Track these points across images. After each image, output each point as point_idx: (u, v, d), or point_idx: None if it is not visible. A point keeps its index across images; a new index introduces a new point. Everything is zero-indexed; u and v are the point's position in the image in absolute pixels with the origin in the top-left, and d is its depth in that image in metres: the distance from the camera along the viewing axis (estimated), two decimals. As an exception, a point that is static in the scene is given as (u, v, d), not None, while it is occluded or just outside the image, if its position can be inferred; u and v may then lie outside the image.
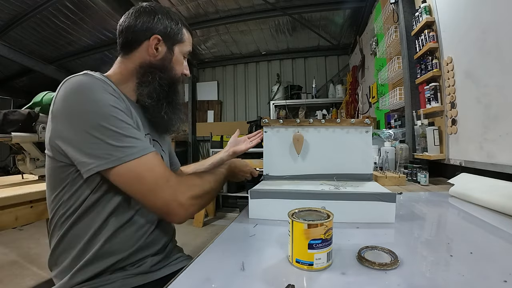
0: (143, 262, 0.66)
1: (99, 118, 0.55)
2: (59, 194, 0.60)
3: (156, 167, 0.59)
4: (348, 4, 2.97)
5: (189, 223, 3.18)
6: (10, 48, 3.41)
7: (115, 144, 0.55)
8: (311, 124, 0.88)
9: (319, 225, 0.40)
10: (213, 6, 3.08)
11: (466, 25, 1.13)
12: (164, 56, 0.74)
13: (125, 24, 0.72)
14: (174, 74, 0.76)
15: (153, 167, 0.58)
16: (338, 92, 4.01)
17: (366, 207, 0.62)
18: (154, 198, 0.57)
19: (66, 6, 2.83)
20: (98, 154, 0.55)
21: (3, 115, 1.13)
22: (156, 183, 0.57)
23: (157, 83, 0.72)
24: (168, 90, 0.75)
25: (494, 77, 0.97)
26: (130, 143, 0.57)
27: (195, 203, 0.62)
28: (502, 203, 0.69)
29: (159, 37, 0.71)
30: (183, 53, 0.78)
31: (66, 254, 0.61)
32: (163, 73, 0.73)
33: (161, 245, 0.72)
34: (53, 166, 0.60)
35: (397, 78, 1.97)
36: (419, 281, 0.37)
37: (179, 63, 0.77)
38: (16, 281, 1.86)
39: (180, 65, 0.78)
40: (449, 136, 1.28)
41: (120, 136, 0.56)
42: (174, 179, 0.60)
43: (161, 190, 0.57)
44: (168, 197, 0.58)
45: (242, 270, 0.41)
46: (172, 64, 0.75)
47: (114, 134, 0.56)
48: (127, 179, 0.56)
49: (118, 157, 0.55)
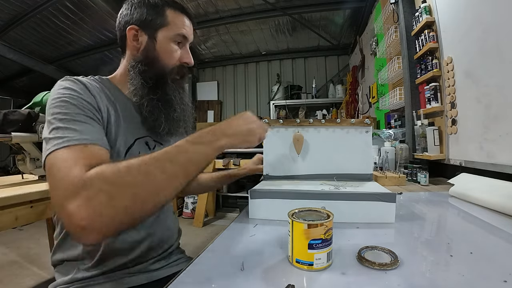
0: (145, 262, 0.66)
1: (50, 105, 0.52)
2: None
3: (67, 161, 0.44)
4: (348, 4, 2.97)
5: (189, 223, 3.18)
6: (10, 48, 3.41)
7: (51, 135, 0.48)
8: (311, 124, 0.88)
9: (319, 225, 0.40)
10: (213, 6, 3.08)
11: (466, 25, 1.13)
12: (146, 46, 0.66)
13: (116, 24, 0.70)
14: (161, 65, 0.67)
15: (64, 161, 0.44)
16: (338, 92, 4.01)
17: (366, 207, 0.62)
18: (54, 206, 0.43)
19: (66, 6, 2.84)
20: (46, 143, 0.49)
21: (3, 115, 1.13)
22: (54, 185, 0.43)
23: (140, 78, 0.66)
24: (153, 85, 0.66)
25: (494, 77, 0.97)
26: (60, 134, 0.48)
27: (92, 204, 0.39)
28: (502, 203, 0.69)
29: (135, 27, 0.65)
30: (171, 38, 0.67)
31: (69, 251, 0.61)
32: (146, 66, 0.66)
33: (166, 247, 0.72)
34: None
35: (397, 78, 1.97)
36: (419, 281, 0.37)
37: (167, 50, 0.67)
38: (16, 281, 1.85)
39: (168, 53, 0.67)
40: (449, 136, 1.28)
41: (58, 124, 0.49)
42: (79, 172, 0.42)
43: (56, 192, 0.42)
44: (58, 201, 0.41)
45: (242, 270, 0.41)
46: (156, 53, 0.66)
47: (54, 122, 0.50)
48: (47, 172, 0.45)
49: (46, 149, 0.47)
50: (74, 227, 0.39)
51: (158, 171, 0.43)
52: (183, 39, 0.69)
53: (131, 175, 0.42)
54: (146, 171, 0.43)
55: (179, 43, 0.69)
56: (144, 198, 0.42)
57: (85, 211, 0.39)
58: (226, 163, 3.08)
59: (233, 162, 3.08)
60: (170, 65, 0.68)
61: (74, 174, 0.42)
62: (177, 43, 0.69)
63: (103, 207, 0.39)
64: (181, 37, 0.68)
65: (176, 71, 0.70)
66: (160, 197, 0.43)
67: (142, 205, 0.42)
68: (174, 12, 0.67)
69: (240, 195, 3.50)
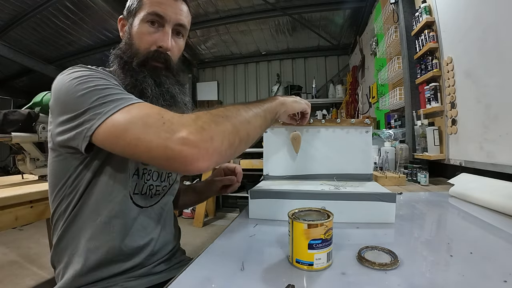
0: (147, 266, 0.65)
1: (74, 84, 0.51)
2: (62, 188, 0.59)
3: (144, 110, 0.47)
4: (348, 4, 2.97)
5: (189, 223, 3.18)
6: (10, 48, 3.41)
7: (99, 102, 0.48)
8: (311, 124, 0.87)
9: (319, 225, 0.40)
10: (213, 6, 3.08)
11: (466, 25, 1.13)
12: (126, 33, 0.65)
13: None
14: (134, 48, 0.63)
15: (140, 112, 0.47)
16: (338, 92, 4.01)
17: (366, 207, 0.62)
18: (146, 144, 0.44)
19: (66, 6, 2.84)
20: (85, 118, 0.48)
21: (3, 115, 1.13)
22: (144, 125, 0.45)
23: (121, 67, 0.63)
24: (127, 70, 0.62)
25: (494, 77, 0.97)
26: (114, 97, 0.49)
27: (209, 133, 0.44)
28: (502, 203, 0.69)
29: (122, 17, 0.66)
30: (143, 19, 0.62)
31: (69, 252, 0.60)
32: (124, 53, 0.63)
33: (168, 250, 0.72)
34: (55, 158, 0.59)
35: (397, 78, 1.97)
36: (419, 281, 0.37)
37: (139, 33, 0.62)
38: (16, 281, 1.85)
39: (140, 35, 0.62)
40: (449, 136, 1.28)
41: (101, 92, 0.49)
42: (170, 113, 0.46)
43: (152, 130, 0.44)
44: (164, 135, 0.43)
45: (242, 270, 0.41)
46: (131, 38, 0.63)
47: (95, 93, 0.49)
48: (116, 135, 0.46)
49: (104, 112, 0.47)
50: (185, 154, 0.42)
51: (245, 109, 0.52)
52: (159, 19, 0.62)
53: (227, 109, 0.50)
54: (237, 108, 0.51)
55: (153, 23, 0.62)
56: (239, 128, 0.49)
57: (199, 135, 0.43)
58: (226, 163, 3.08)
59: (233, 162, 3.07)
60: (142, 49, 0.63)
61: (170, 116, 0.46)
62: (151, 23, 0.62)
63: (214, 132, 0.44)
64: (153, 15, 0.62)
65: (152, 56, 0.63)
66: (250, 128, 0.51)
67: (239, 135, 0.49)
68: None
69: (240, 195, 3.49)
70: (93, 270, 0.58)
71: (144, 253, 0.64)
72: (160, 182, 0.70)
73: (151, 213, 0.67)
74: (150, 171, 0.66)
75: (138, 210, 0.64)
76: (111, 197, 0.59)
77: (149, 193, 0.67)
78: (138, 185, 0.64)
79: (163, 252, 0.70)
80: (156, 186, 0.69)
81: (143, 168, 0.65)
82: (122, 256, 0.61)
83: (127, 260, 0.61)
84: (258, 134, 0.54)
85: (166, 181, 0.72)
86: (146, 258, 0.65)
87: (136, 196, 0.64)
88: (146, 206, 0.66)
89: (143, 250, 0.64)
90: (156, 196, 0.69)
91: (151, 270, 0.65)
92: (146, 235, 0.65)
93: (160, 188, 0.70)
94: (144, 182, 0.65)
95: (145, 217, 0.65)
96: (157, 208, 0.69)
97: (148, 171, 0.66)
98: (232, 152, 0.48)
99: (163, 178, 0.71)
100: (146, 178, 0.66)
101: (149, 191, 0.67)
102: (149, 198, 0.67)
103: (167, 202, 0.73)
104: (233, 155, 0.49)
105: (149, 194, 0.67)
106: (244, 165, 3.05)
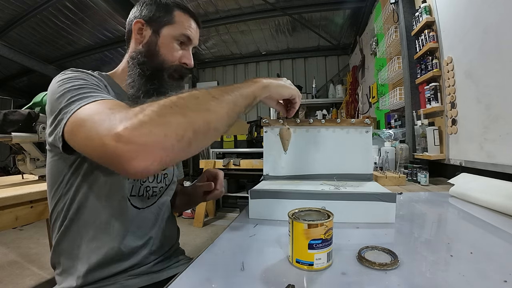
0: (146, 264, 0.66)
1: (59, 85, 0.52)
2: (58, 187, 0.60)
3: (99, 106, 0.44)
4: (348, 4, 2.97)
5: (189, 223, 3.18)
6: (10, 48, 3.41)
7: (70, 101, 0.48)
8: (311, 124, 0.87)
9: (319, 225, 0.40)
10: (213, 6, 3.08)
11: (466, 25, 1.13)
12: (149, 40, 0.67)
13: (126, 21, 0.72)
14: (160, 59, 0.67)
15: (95, 108, 0.44)
16: (338, 92, 4.02)
17: (366, 207, 0.62)
18: (92, 142, 0.40)
19: (66, 6, 2.84)
20: (59, 118, 0.48)
21: (3, 115, 1.13)
22: (92, 122, 0.41)
23: (138, 69, 0.66)
24: (150, 75, 0.66)
25: (494, 77, 0.97)
26: (83, 95, 0.48)
27: (149, 126, 0.38)
28: (502, 203, 0.69)
29: (141, 21, 0.68)
30: (174, 37, 0.68)
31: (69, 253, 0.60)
32: (146, 57, 0.66)
33: (167, 249, 0.73)
34: (51, 159, 0.60)
35: (397, 78, 1.97)
36: (419, 281, 0.37)
37: (169, 47, 0.68)
38: (16, 281, 1.85)
39: (170, 50, 0.68)
40: (449, 136, 1.28)
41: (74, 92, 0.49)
42: (123, 108, 0.42)
43: (96, 127, 0.40)
44: (102, 132, 0.39)
45: (242, 270, 0.41)
46: (157, 48, 0.67)
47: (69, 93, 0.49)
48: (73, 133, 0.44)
49: (69, 110, 0.46)
50: (120, 152, 0.37)
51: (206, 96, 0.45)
52: (187, 40, 0.70)
53: (181, 97, 0.43)
54: (195, 96, 0.44)
55: (182, 43, 0.70)
56: (194, 118, 0.41)
57: (135, 130, 0.37)
58: (226, 163, 3.08)
59: (233, 162, 3.07)
60: (169, 62, 0.68)
61: (119, 110, 0.41)
62: (179, 42, 0.69)
63: (154, 125, 0.38)
64: (185, 37, 0.69)
65: (174, 70, 0.69)
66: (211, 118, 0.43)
67: (193, 126, 0.41)
68: (182, 13, 0.69)
69: (240, 195, 3.49)
70: (93, 271, 0.58)
71: (142, 252, 0.65)
72: (157, 183, 0.70)
73: (148, 213, 0.67)
74: None
75: (136, 211, 0.64)
76: (109, 199, 0.60)
77: (146, 194, 0.67)
78: (134, 187, 0.64)
79: (161, 251, 0.71)
80: (153, 187, 0.69)
81: None
82: (121, 255, 0.61)
83: (126, 260, 0.62)
84: (227, 123, 0.46)
85: (163, 182, 0.72)
86: (145, 256, 0.66)
87: (133, 198, 0.64)
88: (144, 207, 0.67)
89: (141, 249, 0.65)
90: (153, 197, 0.70)
91: (150, 269, 0.66)
92: (144, 235, 0.66)
93: (157, 189, 0.70)
94: (141, 184, 0.66)
95: (142, 217, 0.66)
96: (155, 209, 0.70)
97: None
98: (185, 146, 0.40)
99: (159, 179, 0.71)
100: (142, 180, 0.66)
101: (146, 192, 0.67)
102: (146, 199, 0.68)
103: (164, 203, 0.74)
104: (189, 149, 0.42)
105: (146, 195, 0.67)
106: (244, 165, 3.05)
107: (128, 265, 0.62)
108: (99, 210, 0.59)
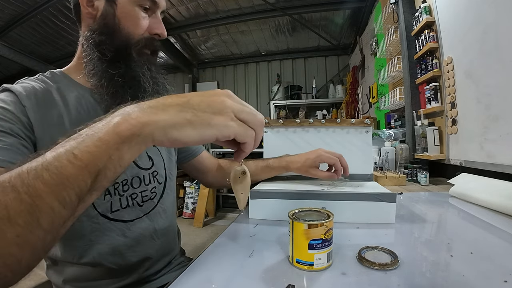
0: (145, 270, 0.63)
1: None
2: None
3: None
4: (348, 4, 2.97)
5: (189, 223, 3.18)
6: (10, 48, 3.41)
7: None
8: (311, 124, 0.87)
9: (319, 225, 0.40)
10: (213, 6, 3.08)
11: (466, 25, 1.13)
12: (104, 11, 0.53)
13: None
14: (124, 34, 0.54)
15: None
16: (338, 92, 4.02)
17: (366, 207, 0.62)
18: None
19: (66, 6, 2.83)
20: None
21: None
22: None
23: (96, 52, 0.53)
24: (113, 57, 0.53)
25: (494, 77, 0.97)
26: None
27: None
28: (502, 203, 0.69)
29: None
30: (135, 1, 0.54)
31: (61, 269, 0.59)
32: (103, 35, 0.53)
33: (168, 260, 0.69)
34: None
35: (397, 78, 1.97)
36: (419, 281, 0.37)
37: (131, 16, 0.54)
38: (16, 281, 1.85)
39: (133, 19, 0.54)
40: (449, 136, 1.28)
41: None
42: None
43: None
44: None
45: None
46: (116, 20, 0.53)
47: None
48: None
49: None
50: None
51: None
52: (152, 4, 0.56)
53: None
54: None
55: (146, 9, 0.56)
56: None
57: None
58: (226, 163, 3.07)
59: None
60: (135, 35, 0.55)
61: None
62: (143, 8, 0.56)
63: None
64: (149, 0, 0.55)
65: (144, 44, 0.56)
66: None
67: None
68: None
69: (240, 195, 3.49)
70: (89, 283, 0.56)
71: (139, 271, 0.61)
72: (145, 185, 0.62)
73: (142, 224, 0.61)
74: (125, 180, 0.59)
75: (125, 225, 0.58)
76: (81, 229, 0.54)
77: (134, 202, 0.60)
78: (114, 202, 0.57)
79: (162, 263, 0.66)
80: (142, 192, 0.61)
81: (114, 184, 0.57)
82: (117, 273, 0.58)
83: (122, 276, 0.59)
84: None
85: (154, 182, 0.64)
86: (142, 271, 0.61)
87: (116, 213, 0.57)
88: (140, 217, 0.61)
89: (138, 268, 0.60)
90: (149, 201, 0.63)
91: (151, 278, 0.64)
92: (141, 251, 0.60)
93: (148, 191, 0.63)
94: (120, 195, 0.58)
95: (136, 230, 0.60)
96: (154, 215, 0.64)
97: (122, 182, 0.58)
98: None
99: (148, 181, 0.62)
100: (123, 189, 0.58)
101: (132, 200, 0.59)
102: (139, 206, 0.61)
103: (166, 201, 0.68)
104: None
105: (134, 203, 0.60)
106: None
107: (126, 283, 0.58)
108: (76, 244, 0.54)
